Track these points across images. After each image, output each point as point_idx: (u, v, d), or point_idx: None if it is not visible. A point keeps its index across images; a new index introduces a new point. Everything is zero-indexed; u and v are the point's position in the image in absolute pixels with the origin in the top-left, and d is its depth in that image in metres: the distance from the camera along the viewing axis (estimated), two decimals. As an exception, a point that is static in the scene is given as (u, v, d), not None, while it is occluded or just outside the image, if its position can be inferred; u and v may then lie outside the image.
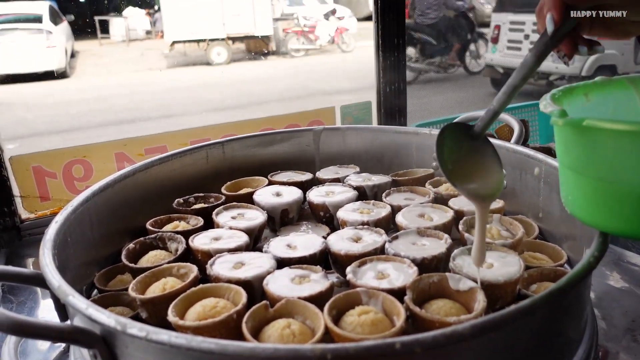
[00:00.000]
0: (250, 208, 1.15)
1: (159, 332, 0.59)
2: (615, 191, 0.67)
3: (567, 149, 0.73)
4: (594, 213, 0.72)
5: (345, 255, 0.92)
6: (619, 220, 0.69)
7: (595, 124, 0.62)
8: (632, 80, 0.85)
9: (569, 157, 0.73)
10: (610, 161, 0.66)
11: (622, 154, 0.65)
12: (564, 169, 0.76)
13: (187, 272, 0.89)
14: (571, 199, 0.75)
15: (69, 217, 0.94)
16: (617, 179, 0.67)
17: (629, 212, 0.67)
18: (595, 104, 0.83)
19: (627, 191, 0.66)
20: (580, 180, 0.72)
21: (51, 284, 0.72)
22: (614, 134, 0.64)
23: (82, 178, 1.50)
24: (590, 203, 0.72)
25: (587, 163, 0.69)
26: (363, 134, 1.43)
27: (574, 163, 0.72)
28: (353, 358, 0.54)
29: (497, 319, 0.58)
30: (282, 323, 0.73)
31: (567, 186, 0.77)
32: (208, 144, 1.34)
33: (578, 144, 0.69)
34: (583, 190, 0.72)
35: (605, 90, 0.84)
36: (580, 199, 0.74)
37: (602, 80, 0.85)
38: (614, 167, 0.66)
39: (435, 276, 0.81)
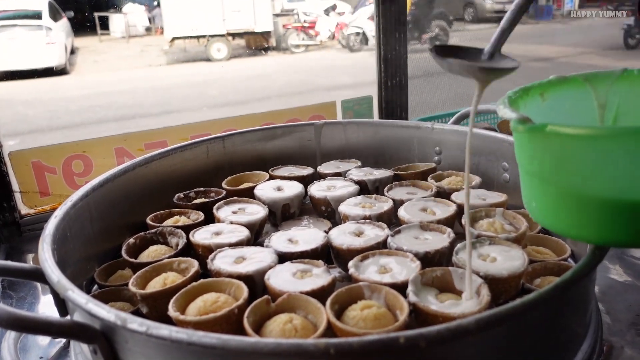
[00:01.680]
0: (251, 203, 1.14)
1: (160, 327, 0.58)
2: (579, 198, 0.65)
3: (529, 155, 0.70)
4: (559, 220, 0.70)
5: (347, 250, 0.91)
6: (584, 227, 0.67)
7: (558, 129, 0.60)
8: (587, 78, 0.83)
9: (531, 163, 0.70)
10: (573, 167, 0.64)
11: (586, 159, 0.63)
12: (526, 175, 0.73)
13: (188, 266, 0.89)
14: (535, 205, 0.73)
15: (68, 212, 0.93)
16: (581, 185, 0.64)
17: (594, 219, 0.65)
18: (552, 104, 0.82)
19: (592, 197, 0.63)
20: (543, 187, 0.69)
21: (50, 279, 0.71)
22: (579, 139, 0.61)
23: (81, 173, 1.49)
24: (555, 210, 0.69)
25: (550, 169, 0.67)
26: (364, 128, 1.42)
27: (537, 169, 0.69)
28: (357, 353, 0.53)
29: (502, 313, 0.57)
30: (284, 318, 0.72)
31: (530, 193, 0.74)
32: (208, 139, 1.33)
33: (541, 151, 0.67)
34: (547, 197, 0.70)
35: (561, 89, 0.82)
36: (545, 206, 0.71)
37: (557, 78, 0.83)
38: (578, 173, 0.64)
39: (438, 270, 0.81)
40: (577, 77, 0.83)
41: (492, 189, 1.14)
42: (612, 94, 0.83)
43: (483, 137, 1.20)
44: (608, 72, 0.84)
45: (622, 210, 0.62)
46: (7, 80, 6.92)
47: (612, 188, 0.62)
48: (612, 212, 0.62)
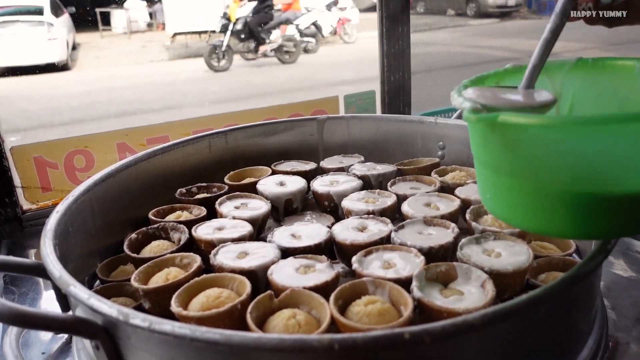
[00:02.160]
0: (253, 198, 1.13)
1: (163, 322, 0.57)
2: (532, 189, 0.63)
3: (482, 145, 0.69)
4: (514, 212, 0.69)
5: (350, 245, 0.91)
6: (536, 219, 0.66)
7: (510, 119, 0.58)
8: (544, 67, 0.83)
9: (485, 154, 0.69)
10: (527, 158, 0.63)
11: (539, 149, 0.61)
12: (480, 166, 0.72)
13: (190, 262, 0.88)
14: (489, 197, 0.72)
15: (70, 207, 0.93)
16: (533, 176, 0.63)
17: (546, 211, 0.64)
18: None
19: (544, 189, 0.62)
20: (496, 178, 0.68)
21: (52, 274, 0.71)
22: (531, 129, 0.60)
23: (83, 168, 1.48)
24: (509, 202, 0.68)
25: (504, 160, 0.65)
26: (367, 123, 1.42)
27: (491, 160, 0.68)
28: (361, 348, 0.53)
29: (508, 309, 0.57)
30: (287, 313, 0.72)
31: (484, 185, 0.72)
32: (211, 134, 1.32)
33: (494, 141, 0.65)
34: (500, 189, 0.68)
35: (517, 78, 0.80)
36: (498, 198, 0.70)
37: (513, 67, 0.82)
38: (532, 164, 0.63)
39: (442, 265, 0.80)
40: None
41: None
42: (567, 84, 0.83)
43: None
44: (563, 61, 0.83)
45: (574, 202, 0.61)
46: (9, 76, 6.91)
47: (564, 179, 0.61)
48: (565, 204, 0.61)
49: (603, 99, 0.82)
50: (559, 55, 0.84)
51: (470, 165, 1.24)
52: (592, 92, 0.83)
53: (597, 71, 0.82)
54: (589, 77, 0.82)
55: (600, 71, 0.82)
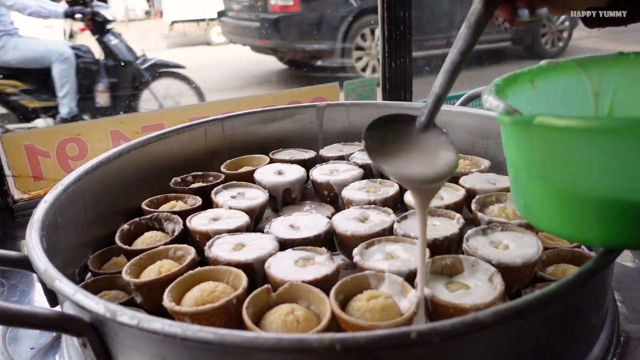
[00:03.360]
0: (250, 187, 1.09)
1: (152, 320, 0.54)
2: (571, 196, 0.59)
3: (517, 149, 0.64)
4: (552, 220, 0.64)
5: (351, 236, 0.87)
6: (578, 227, 0.61)
7: (548, 121, 0.53)
8: (580, 63, 0.77)
9: (520, 158, 0.64)
10: (565, 162, 0.58)
11: (578, 153, 0.56)
12: (515, 171, 0.67)
13: (184, 254, 0.85)
14: (524, 203, 0.67)
15: (59, 197, 0.89)
16: (574, 182, 0.58)
17: (585, 219, 0.59)
18: (543, 91, 0.76)
19: (584, 196, 0.57)
20: (532, 183, 0.63)
21: (37, 268, 0.67)
22: (571, 132, 0.55)
23: (76, 157, 1.44)
24: (544, 208, 0.64)
25: (540, 165, 0.61)
26: (368, 110, 1.37)
27: (526, 165, 0.63)
28: (364, 349, 0.49)
29: (521, 306, 0.53)
30: (286, 309, 0.68)
31: (519, 190, 0.68)
32: (207, 121, 1.28)
33: (529, 144, 0.60)
34: (536, 195, 0.64)
35: (552, 75, 0.77)
36: (535, 204, 0.65)
37: (548, 64, 0.77)
38: (570, 169, 0.58)
39: (448, 258, 0.77)
40: (569, 62, 0.78)
41: (503, 173, 1.10)
42: (606, 81, 0.78)
43: (491, 118, 1.16)
44: (602, 56, 0.78)
45: (615, 210, 0.56)
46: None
47: (605, 186, 0.56)
48: (605, 212, 0.57)
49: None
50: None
51: (474, 153, 1.20)
52: (634, 90, 0.77)
53: (638, 67, 0.77)
54: (631, 74, 0.77)
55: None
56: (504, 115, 0.58)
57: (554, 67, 0.77)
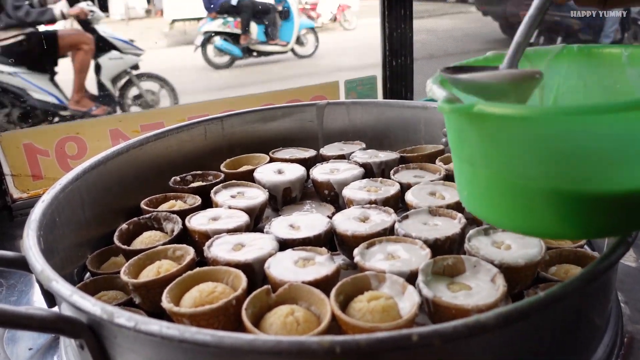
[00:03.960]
0: (250, 186, 1.09)
1: (149, 322, 0.53)
2: (513, 185, 0.57)
3: (458, 137, 0.63)
4: (493, 211, 0.63)
5: (352, 236, 0.86)
6: (520, 218, 0.60)
7: (487, 109, 0.52)
8: (526, 55, 0.75)
9: (462, 147, 0.63)
10: (507, 151, 0.57)
11: (521, 142, 0.55)
12: (458, 160, 0.66)
13: (183, 254, 0.84)
14: (467, 194, 0.66)
15: (57, 196, 0.88)
16: (515, 172, 0.57)
17: (526, 209, 0.58)
18: None
19: (523, 185, 0.56)
20: (475, 173, 0.62)
21: (34, 268, 0.66)
22: (509, 120, 0.54)
23: (75, 156, 1.44)
24: (488, 199, 0.62)
25: (482, 154, 0.59)
26: (369, 109, 1.37)
27: (468, 154, 0.62)
28: (365, 352, 0.48)
29: (524, 308, 0.52)
30: (285, 310, 0.67)
31: (461, 180, 0.67)
32: (206, 120, 1.27)
33: (471, 133, 0.59)
34: (478, 185, 0.63)
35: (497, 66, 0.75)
36: (477, 195, 0.64)
37: (493, 55, 0.76)
38: (511, 158, 0.57)
39: (450, 258, 0.76)
40: None
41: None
42: (551, 73, 0.77)
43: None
44: (547, 48, 0.78)
45: (557, 199, 0.55)
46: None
47: (546, 175, 0.55)
48: (547, 201, 0.56)
49: (589, 89, 0.77)
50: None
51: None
52: (578, 82, 0.77)
53: (583, 59, 0.76)
54: (575, 66, 0.77)
55: (586, 59, 0.76)
56: (444, 103, 0.57)
57: (499, 58, 0.75)
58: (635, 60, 0.72)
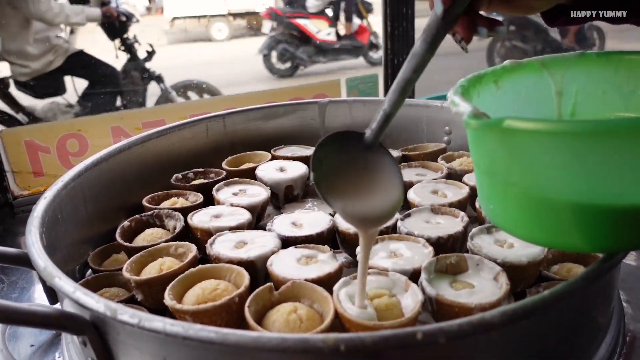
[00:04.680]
0: (252, 184, 1.08)
1: (153, 319, 0.53)
2: (541, 200, 0.56)
3: (485, 152, 0.62)
4: (521, 225, 0.61)
5: (354, 234, 0.86)
6: (548, 232, 0.59)
7: (517, 125, 0.51)
8: (544, 63, 0.76)
9: (488, 162, 0.62)
10: (535, 166, 0.56)
11: (547, 157, 0.54)
12: (482, 175, 0.65)
13: (186, 251, 0.84)
14: (493, 208, 0.64)
15: (59, 193, 0.88)
16: (543, 187, 0.56)
17: (558, 224, 0.57)
18: (506, 92, 0.75)
19: (555, 200, 0.55)
20: (501, 188, 0.61)
21: (37, 265, 0.66)
22: (539, 135, 0.52)
23: (77, 153, 1.43)
24: (515, 214, 0.61)
25: (510, 169, 0.58)
26: (370, 107, 1.36)
27: (495, 169, 0.61)
28: (369, 349, 0.48)
29: (528, 306, 0.52)
30: (288, 307, 0.67)
31: (487, 194, 0.65)
32: (208, 117, 1.27)
33: (497, 148, 0.58)
34: (506, 200, 0.61)
35: (516, 75, 0.75)
36: (505, 209, 0.62)
37: (511, 64, 0.75)
38: (540, 173, 0.56)
39: (452, 257, 0.76)
40: (533, 62, 0.76)
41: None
42: (569, 80, 0.77)
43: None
44: (564, 55, 0.76)
45: (585, 215, 0.54)
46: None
47: (574, 190, 0.54)
48: (575, 217, 0.55)
49: (608, 96, 0.76)
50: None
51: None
52: (597, 90, 0.76)
53: (601, 66, 0.75)
54: (594, 73, 0.76)
55: (605, 66, 0.75)
56: (471, 119, 0.56)
57: (517, 67, 0.76)
58: None
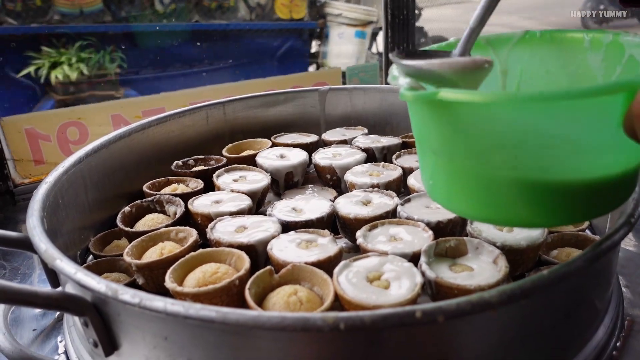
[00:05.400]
0: (252, 170, 1.09)
1: (154, 298, 0.53)
2: (478, 176, 0.56)
3: (422, 126, 0.61)
4: (459, 200, 0.61)
5: (354, 219, 0.86)
6: (484, 207, 0.58)
7: (451, 96, 0.50)
8: (489, 41, 0.75)
9: (426, 136, 0.61)
10: (469, 140, 0.55)
11: (481, 130, 0.53)
12: (421, 150, 0.64)
13: (186, 236, 0.84)
14: (432, 184, 0.64)
15: (60, 178, 0.88)
16: (479, 161, 0.55)
17: (496, 199, 0.56)
18: None
19: (491, 174, 0.55)
20: (440, 163, 0.60)
21: (38, 248, 0.66)
22: (473, 107, 0.52)
23: (77, 141, 1.44)
24: (453, 189, 0.61)
25: (446, 143, 0.57)
26: (371, 95, 1.36)
27: (432, 143, 0.60)
28: (369, 328, 0.48)
29: (527, 285, 0.52)
30: (288, 290, 0.68)
31: (426, 170, 0.65)
32: (208, 104, 1.27)
33: (434, 122, 0.57)
34: (445, 175, 0.61)
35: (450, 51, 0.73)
36: (443, 184, 0.62)
37: (456, 41, 0.73)
38: (474, 146, 0.55)
39: (452, 240, 0.76)
40: (478, 40, 0.73)
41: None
42: (514, 59, 0.76)
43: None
44: (509, 34, 0.76)
45: (519, 188, 0.54)
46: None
47: (509, 164, 0.53)
48: (509, 190, 0.55)
49: (552, 75, 0.76)
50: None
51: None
52: (540, 69, 0.76)
53: (545, 45, 0.75)
54: (537, 52, 0.75)
55: (548, 45, 0.75)
56: (406, 91, 0.55)
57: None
58: (596, 45, 0.71)
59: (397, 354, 0.53)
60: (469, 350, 0.56)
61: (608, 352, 0.71)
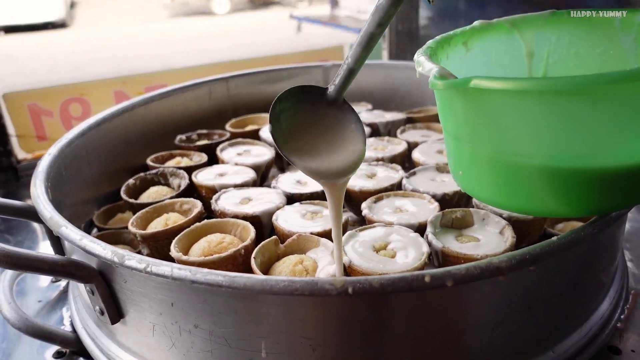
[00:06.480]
0: (256, 144, 1.08)
1: (160, 263, 0.53)
2: (509, 165, 0.55)
3: (452, 115, 0.59)
4: (491, 190, 0.60)
5: (359, 192, 0.86)
6: (518, 197, 0.57)
7: (485, 84, 0.49)
8: (514, 23, 0.73)
9: (456, 125, 0.60)
10: (503, 128, 0.53)
11: (516, 118, 0.52)
12: (451, 139, 0.62)
13: (191, 207, 0.84)
14: (462, 174, 0.63)
15: (63, 151, 0.88)
16: (511, 150, 0.54)
17: (527, 188, 0.55)
18: (476, 53, 0.72)
19: (524, 163, 0.53)
20: (472, 152, 0.59)
21: (43, 215, 0.66)
22: (508, 95, 0.50)
23: (80, 117, 1.43)
24: (484, 180, 0.59)
25: (478, 132, 0.56)
26: (375, 71, 1.35)
27: (462, 132, 0.59)
28: (377, 292, 0.48)
29: (536, 251, 0.52)
30: (294, 259, 0.67)
31: (456, 160, 0.64)
32: (211, 79, 1.26)
33: (465, 110, 0.55)
34: (475, 166, 0.59)
35: (485, 37, 0.73)
36: (474, 174, 0.61)
37: (481, 25, 0.73)
38: (508, 135, 0.53)
39: (458, 211, 0.75)
40: (502, 22, 0.74)
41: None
42: (540, 41, 0.74)
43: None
44: (535, 15, 0.74)
45: (551, 177, 0.53)
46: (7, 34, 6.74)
47: (542, 152, 0.52)
48: (541, 180, 0.54)
49: (580, 57, 0.74)
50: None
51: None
52: (569, 50, 0.74)
53: (573, 26, 0.73)
54: (565, 33, 0.73)
55: (576, 26, 0.73)
56: (437, 79, 0.54)
57: (487, 28, 0.73)
58: (628, 25, 0.69)
59: (405, 320, 0.53)
60: (476, 316, 0.56)
61: (613, 323, 0.71)
